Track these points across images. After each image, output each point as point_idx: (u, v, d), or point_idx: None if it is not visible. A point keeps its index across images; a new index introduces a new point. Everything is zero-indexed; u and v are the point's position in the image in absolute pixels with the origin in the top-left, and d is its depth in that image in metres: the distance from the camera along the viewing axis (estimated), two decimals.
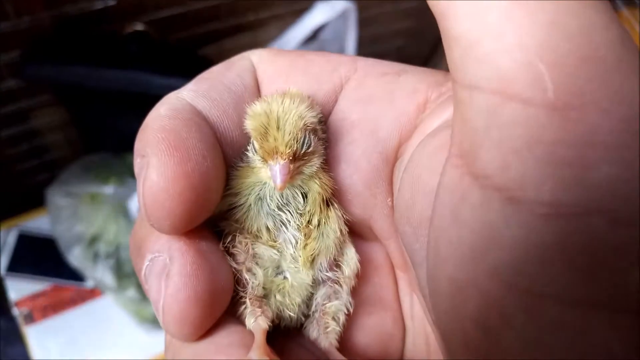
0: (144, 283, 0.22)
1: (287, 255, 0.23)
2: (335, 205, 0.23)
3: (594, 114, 0.14)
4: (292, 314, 0.23)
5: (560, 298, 0.14)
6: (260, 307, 0.22)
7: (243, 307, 0.22)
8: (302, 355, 0.23)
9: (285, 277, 0.23)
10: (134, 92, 0.83)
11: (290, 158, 0.21)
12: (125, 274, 0.87)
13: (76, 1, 0.86)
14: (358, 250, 0.24)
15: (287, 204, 0.22)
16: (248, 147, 0.22)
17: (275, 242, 0.22)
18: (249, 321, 0.22)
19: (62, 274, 0.93)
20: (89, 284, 0.93)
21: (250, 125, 0.21)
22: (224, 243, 0.22)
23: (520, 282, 0.15)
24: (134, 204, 0.84)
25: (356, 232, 0.25)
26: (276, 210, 0.22)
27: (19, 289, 0.93)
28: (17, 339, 0.92)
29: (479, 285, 0.16)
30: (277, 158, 0.20)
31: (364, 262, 0.25)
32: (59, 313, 0.92)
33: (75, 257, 0.88)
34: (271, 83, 0.24)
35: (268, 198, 0.22)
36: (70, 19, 0.88)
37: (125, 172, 0.92)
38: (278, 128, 0.20)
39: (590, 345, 0.14)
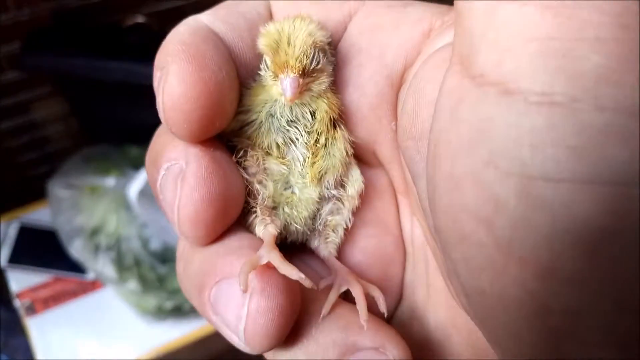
0: (159, 194, 0.22)
1: (295, 172, 0.24)
2: (342, 127, 0.24)
3: (585, 10, 0.15)
4: (298, 227, 0.24)
5: (550, 177, 0.15)
6: (269, 216, 0.23)
7: (253, 216, 0.23)
8: (302, 269, 0.23)
9: (293, 192, 0.24)
10: (134, 83, 0.83)
11: (300, 72, 0.22)
12: (126, 266, 0.87)
13: None
14: (363, 175, 0.26)
15: (296, 121, 0.23)
16: (260, 67, 0.23)
17: (284, 158, 0.24)
18: (259, 229, 0.23)
19: (63, 266, 0.93)
20: (90, 275, 0.93)
21: (262, 42, 0.22)
22: (236, 157, 0.23)
23: (513, 167, 0.16)
24: (132, 191, 0.84)
25: (360, 158, 0.26)
26: (286, 126, 0.23)
27: (21, 280, 0.94)
28: (18, 330, 0.92)
29: (475, 175, 0.17)
30: (287, 72, 0.22)
31: (367, 186, 0.26)
32: (61, 305, 0.92)
33: (76, 249, 0.89)
34: (283, 13, 0.25)
35: (278, 114, 0.23)
36: (71, 10, 0.88)
37: (125, 164, 0.92)
38: (289, 44, 0.22)
39: (576, 219, 0.15)
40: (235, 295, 0.20)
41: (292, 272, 0.21)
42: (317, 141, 0.24)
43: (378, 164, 0.26)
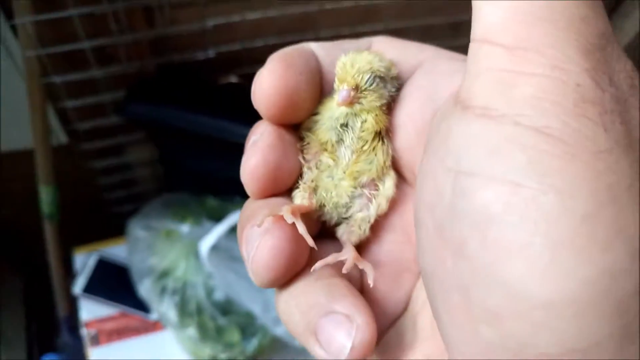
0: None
1: (339, 166, 0.29)
2: (386, 141, 0.29)
3: (532, 53, 0.19)
4: (330, 209, 0.29)
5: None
6: (309, 193, 0.28)
7: (296, 190, 0.29)
8: (322, 248, 0.27)
9: (333, 180, 0.29)
10: (221, 139, 0.87)
11: (353, 87, 0.28)
12: (188, 312, 0.89)
13: (181, 51, 0.93)
14: (400, 189, 0.29)
15: (348, 126, 0.29)
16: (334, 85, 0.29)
17: (334, 154, 0.29)
18: (296, 200, 0.28)
19: (131, 302, 0.97)
20: (154, 316, 0.96)
21: (337, 65, 0.29)
22: (301, 146, 0.29)
23: (460, 168, 0.20)
24: (204, 245, 0.87)
25: (402, 174, 0.29)
26: (339, 129, 0.29)
27: (90, 310, 0.98)
28: (80, 358, 0.96)
29: (432, 173, 0.21)
30: (344, 85, 0.28)
31: (401, 198, 0.29)
32: (123, 339, 0.95)
33: (145, 288, 0.92)
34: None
35: (335, 118, 0.29)
36: (173, 66, 0.95)
37: (201, 214, 0.95)
38: (351, 66, 0.28)
39: None
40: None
41: (294, 221, 0.25)
42: (362, 147, 0.29)
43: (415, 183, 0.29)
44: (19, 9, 0.76)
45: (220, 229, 0.88)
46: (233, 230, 0.90)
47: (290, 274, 0.25)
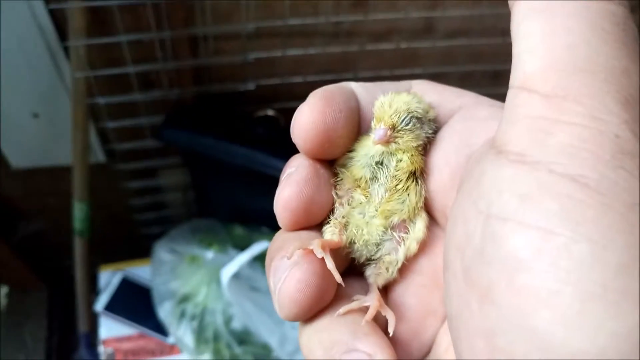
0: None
1: (371, 204, 0.29)
2: (420, 182, 0.29)
3: (571, 102, 0.19)
4: (360, 246, 0.29)
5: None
6: (339, 229, 0.29)
7: (327, 225, 0.29)
8: (349, 285, 0.27)
9: (364, 217, 0.29)
10: (253, 170, 0.88)
11: (390, 126, 0.28)
12: (205, 338, 0.89)
13: (222, 81, 0.95)
14: (431, 231, 0.29)
15: (382, 165, 0.29)
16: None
17: (366, 191, 0.29)
18: (326, 235, 0.28)
19: (149, 324, 0.98)
20: (171, 339, 0.96)
21: (375, 105, 0.29)
22: (335, 181, 0.29)
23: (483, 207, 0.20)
24: (225, 273, 0.88)
25: (434, 217, 0.29)
26: (374, 166, 0.29)
27: (110, 328, 0.99)
28: None
29: (463, 215, 0.21)
30: (381, 124, 0.28)
31: (433, 241, 0.29)
32: None
33: (164, 311, 0.93)
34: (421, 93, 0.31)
35: (371, 155, 0.29)
36: (213, 95, 0.97)
37: (227, 242, 0.96)
38: (389, 106, 0.29)
39: None
40: None
41: (323, 255, 0.25)
42: (396, 186, 0.29)
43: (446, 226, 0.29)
44: (73, 32, 0.80)
45: (242, 257, 0.88)
46: (256, 259, 0.90)
47: (315, 308, 0.25)
